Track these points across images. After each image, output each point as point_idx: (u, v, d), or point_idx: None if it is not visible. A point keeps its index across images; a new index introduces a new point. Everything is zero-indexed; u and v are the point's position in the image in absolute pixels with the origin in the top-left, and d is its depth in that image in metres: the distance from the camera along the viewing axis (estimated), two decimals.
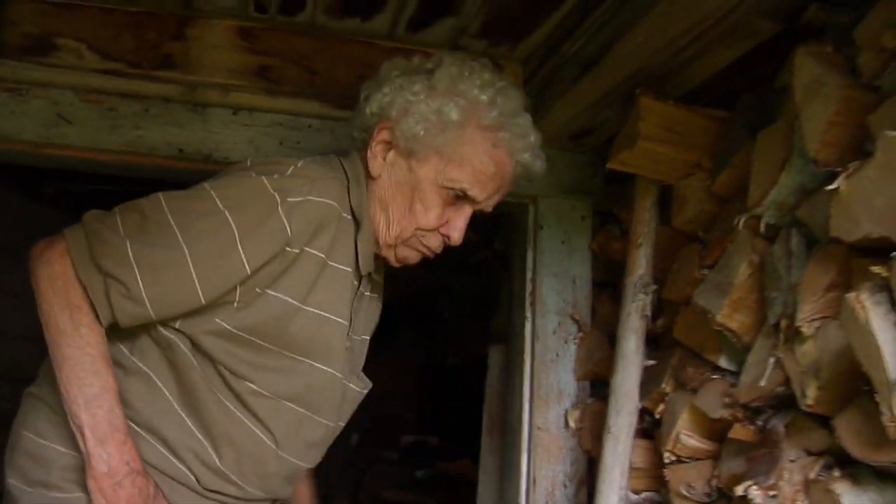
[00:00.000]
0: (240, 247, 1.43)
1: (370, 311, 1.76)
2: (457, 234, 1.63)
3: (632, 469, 1.99)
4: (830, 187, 1.29)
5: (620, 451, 1.92)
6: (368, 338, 1.78)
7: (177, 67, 2.07)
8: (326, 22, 2.10)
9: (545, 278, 2.25)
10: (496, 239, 2.79)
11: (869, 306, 1.20)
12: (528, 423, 2.21)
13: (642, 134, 1.79)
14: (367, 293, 1.72)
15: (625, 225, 2.17)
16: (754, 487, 1.51)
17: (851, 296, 1.22)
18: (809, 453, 1.49)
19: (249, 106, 2.15)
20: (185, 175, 2.10)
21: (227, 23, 2.10)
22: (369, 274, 1.68)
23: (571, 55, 2.02)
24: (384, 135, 1.61)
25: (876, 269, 1.19)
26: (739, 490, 1.54)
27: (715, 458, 1.78)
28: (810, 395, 1.40)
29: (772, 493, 1.50)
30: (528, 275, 2.26)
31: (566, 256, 2.27)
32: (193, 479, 1.55)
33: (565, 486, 2.19)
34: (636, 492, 2.04)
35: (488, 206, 1.66)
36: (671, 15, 1.64)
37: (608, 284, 2.27)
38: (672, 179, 1.91)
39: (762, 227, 1.59)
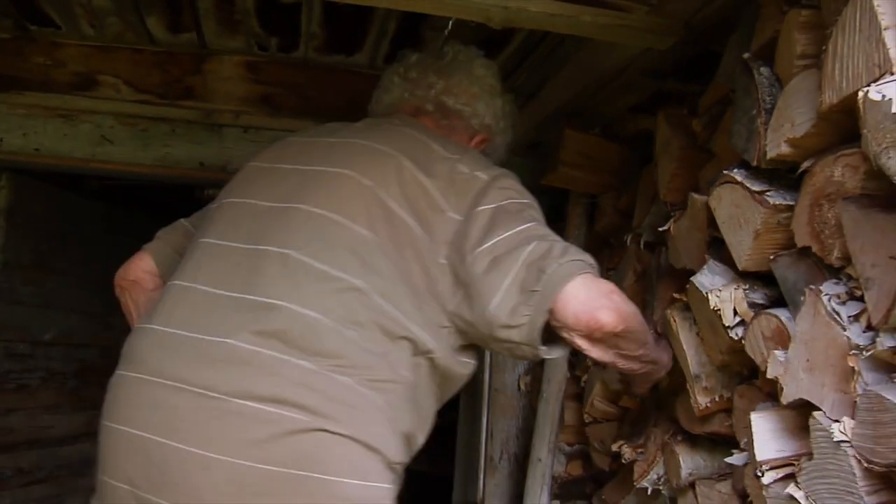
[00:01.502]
0: None
1: None
2: None
3: (566, 426, 2.51)
4: (662, 228, 1.78)
5: (550, 412, 2.43)
6: None
7: (196, 97, 2.57)
8: (317, 57, 2.58)
9: None
10: None
11: (679, 321, 1.69)
12: (488, 385, 2.73)
13: (562, 160, 2.27)
14: None
15: None
16: (625, 445, 2.03)
17: (668, 312, 1.71)
18: (672, 421, 1.99)
19: (256, 125, 2.67)
20: (203, 182, 2.65)
21: (235, 59, 2.59)
22: None
23: (518, 86, 2.47)
24: (480, 143, 1.94)
25: (678, 295, 1.67)
26: (614, 447, 2.05)
27: (620, 420, 2.29)
28: (663, 380, 1.90)
29: (640, 450, 2.01)
30: None
31: None
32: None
33: (517, 438, 2.72)
34: (570, 444, 2.56)
35: None
36: (579, 70, 2.11)
37: None
38: (596, 192, 2.39)
39: (642, 244, 2.07)
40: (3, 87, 2.53)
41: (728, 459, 1.57)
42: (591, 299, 1.45)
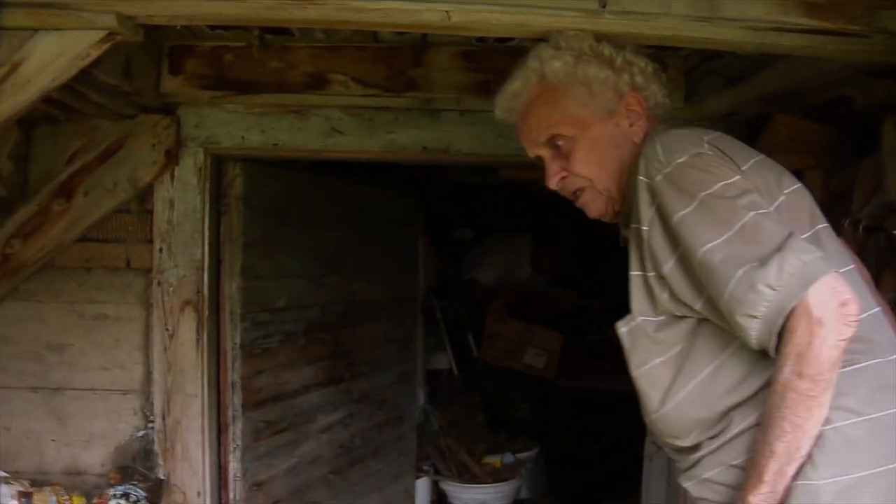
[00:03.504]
0: None
1: (632, 248, 1.80)
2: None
3: None
4: None
5: None
6: (634, 274, 1.78)
7: (419, 88, 2.96)
8: (530, 45, 2.92)
9: None
10: None
11: None
12: None
13: (777, 145, 2.62)
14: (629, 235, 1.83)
15: None
16: None
17: None
18: None
19: (472, 108, 3.06)
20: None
21: (453, 49, 2.95)
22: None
23: (719, 68, 2.79)
24: None
25: None
26: None
27: None
28: None
29: None
30: None
31: None
32: None
33: None
34: None
35: (538, 149, 1.96)
36: (798, 67, 2.43)
37: None
38: (801, 169, 2.73)
39: (860, 228, 2.43)
40: (242, 90, 2.95)
41: None
42: None
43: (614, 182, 1.88)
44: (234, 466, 3.26)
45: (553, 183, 1.95)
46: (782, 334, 1.46)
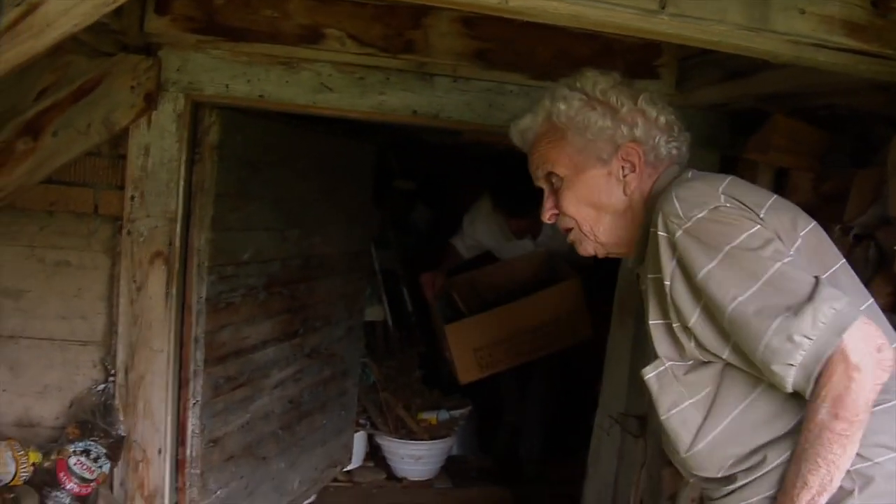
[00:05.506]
0: None
1: (652, 297, 1.90)
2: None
3: None
4: None
5: None
6: (656, 323, 1.88)
7: (416, 51, 2.95)
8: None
9: None
10: None
11: None
12: None
13: (774, 145, 2.74)
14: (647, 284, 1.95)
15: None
16: None
17: None
18: None
19: (466, 76, 3.07)
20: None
21: (453, 14, 2.95)
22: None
23: (721, 61, 2.87)
24: None
25: None
26: None
27: None
28: None
29: None
30: None
31: None
32: None
33: None
34: None
35: (539, 181, 2.12)
36: (805, 71, 2.53)
37: None
38: (792, 167, 2.86)
39: (850, 236, 2.57)
40: (231, 37, 2.89)
41: None
42: None
43: (604, 227, 2.05)
44: (192, 423, 3.26)
45: (546, 217, 2.12)
46: (819, 379, 1.61)
